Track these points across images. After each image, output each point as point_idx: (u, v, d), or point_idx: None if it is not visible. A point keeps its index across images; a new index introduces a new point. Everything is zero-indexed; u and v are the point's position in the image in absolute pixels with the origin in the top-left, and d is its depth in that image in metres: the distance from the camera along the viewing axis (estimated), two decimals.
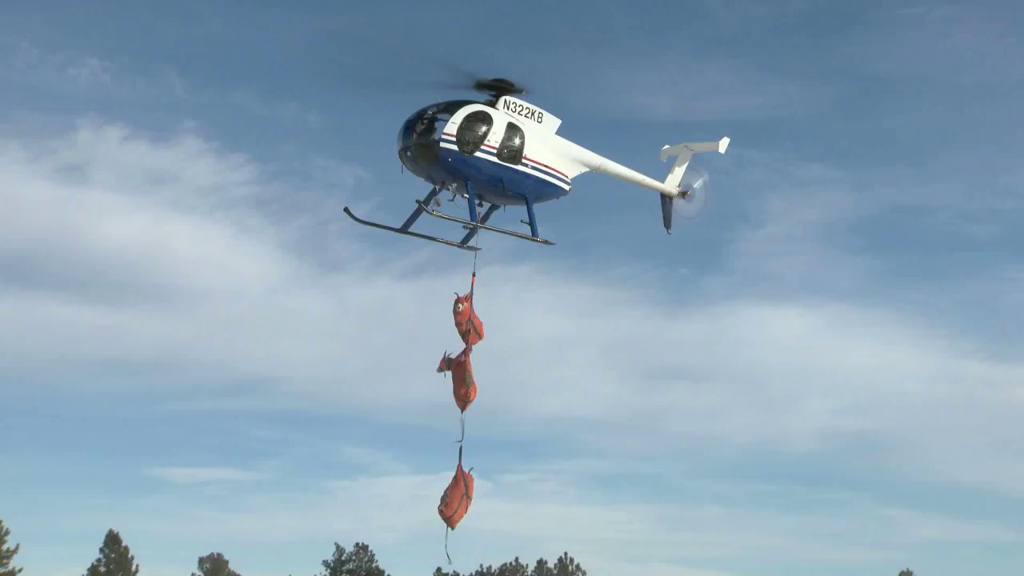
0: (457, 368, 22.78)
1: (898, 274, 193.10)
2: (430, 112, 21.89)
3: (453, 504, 22.70)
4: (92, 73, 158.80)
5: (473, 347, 23.69)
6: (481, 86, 22.72)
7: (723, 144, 27.93)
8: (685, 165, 27.55)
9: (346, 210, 22.83)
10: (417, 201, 22.87)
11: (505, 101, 22.57)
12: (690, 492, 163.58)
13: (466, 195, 22.65)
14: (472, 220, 23.08)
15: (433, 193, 22.92)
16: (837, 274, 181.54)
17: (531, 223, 23.78)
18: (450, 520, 22.76)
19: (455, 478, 22.88)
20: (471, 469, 23.47)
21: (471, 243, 23.16)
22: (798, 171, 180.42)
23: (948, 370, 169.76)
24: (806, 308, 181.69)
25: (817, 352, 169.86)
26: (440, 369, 23.47)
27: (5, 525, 74.59)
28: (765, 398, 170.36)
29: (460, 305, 23.05)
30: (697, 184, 27.73)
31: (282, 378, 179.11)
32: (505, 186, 22.76)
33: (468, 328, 22.89)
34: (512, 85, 22.79)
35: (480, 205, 23.40)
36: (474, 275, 23.41)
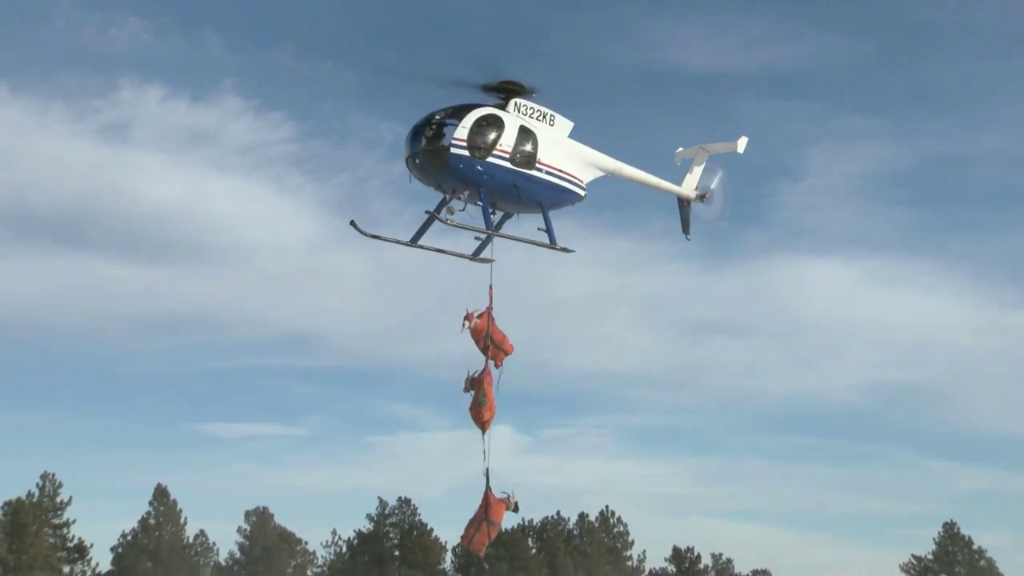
0: (476, 386, 21.89)
1: (942, 225, 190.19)
2: (438, 117, 21.13)
3: (469, 532, 22.05)
4: (132, 33, 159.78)
5: (502, 363, 22.53)
6: (489, 89, 22.20)
7: (741, 144, 26.65)
8: (702, 167, 26.34)
9: (352, 223, 21.96)
10: (427, 212, 21.93)
11: (516, 104, 21.80)
12: (730, 446, 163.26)
13: (478, 203, 21.70)
14: (487, 228, 22.01)
15: (444, 202, 21.97)
16: (879, 226, 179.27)
17: (548, 230, 22.58)
18: (471, 544, 22.11)
19: (481, 504, 22.27)
20: (509, 494, 22.39)
21: (484, 254, 22.29)
22: (839, 122, 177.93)
23: (993, 321, 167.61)
24: (847, 261, 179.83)
25: (859, 305, 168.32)
26: (465, 389, 22.55)
27: (59, 478, 76.29)
28: (806, 351, 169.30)
29: (466, 323, 22.27)
30: (714, 184, 26.51)
31: (323, 335, 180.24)
32: (519, 193, 21.90)
33: (486, 344, 21.86)
34: (522, 87, 22.05)
35: (493, 213, 22.30)
36: (491, 288, 22.46)
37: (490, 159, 21.01)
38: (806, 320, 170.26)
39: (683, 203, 26.22)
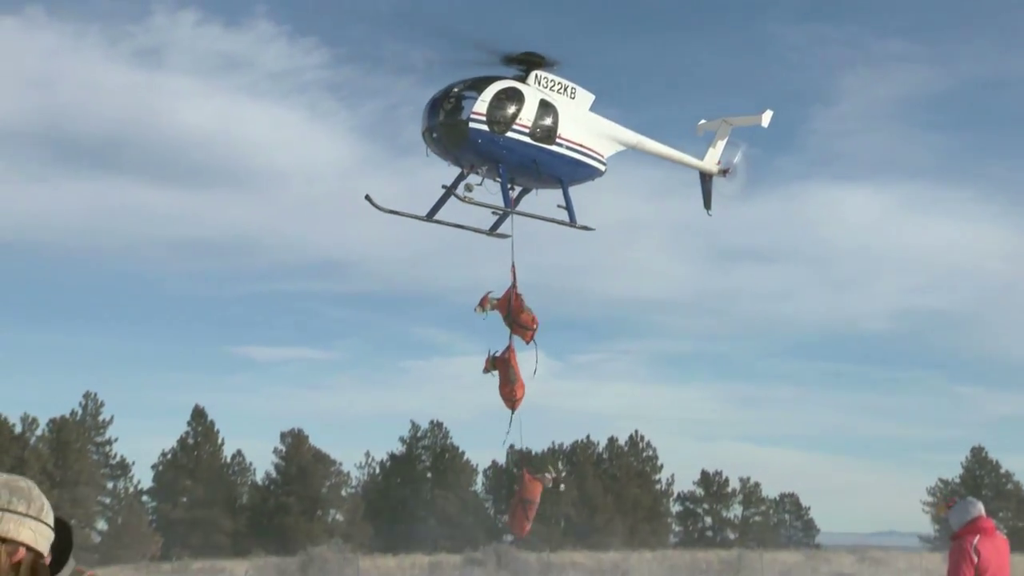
0: (502, 365, 21.55)
1: (977, 150, 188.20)
2: (456, 90, 20.26)
3: (511, 516, 22.02)
4: None
5: (531, 340, 22.31)
6: (510, 60, 21.81)
7: (766, 117, 26.04)
8: (725, 140, 25.83)
9: (367, 198, 21.70)
10: (444, 186, 21.69)
11: (536, 76, 20.85)
12: (760, 371, 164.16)
13: (497, 179, 21.35)
14: (506, 205, 21.59)
15: (461, 177, 21.61)
16: (913, 152, 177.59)
17: (568, 208, 21.97)
18: (512, 528, 22.02)
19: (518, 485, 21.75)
20: (547, 474, 22.32)
21: (502, 229, 21.57)
22: (874, 46, 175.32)
23: None
24: (881, 187, 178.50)
25: (891, 231, 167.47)
26: (486, 370, 22.13)
27: (100, 398, 77.91)
28: (837, 278, 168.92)
29: (480, 308, 22.07)
30: (737, 159, 26.10)
31: (357, 260, 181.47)
32: (539, 168, 21.31)
33: (511, 323, 21.01)
34: (543, 58, 21.58)
35: (512, 189, 21.94)
36: (513, 265, 22.16)
37: (510, 134, 20.15)
38: (838, 247, 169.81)
39: (705, 178, 25.73)
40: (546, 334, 21.34)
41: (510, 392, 21.12)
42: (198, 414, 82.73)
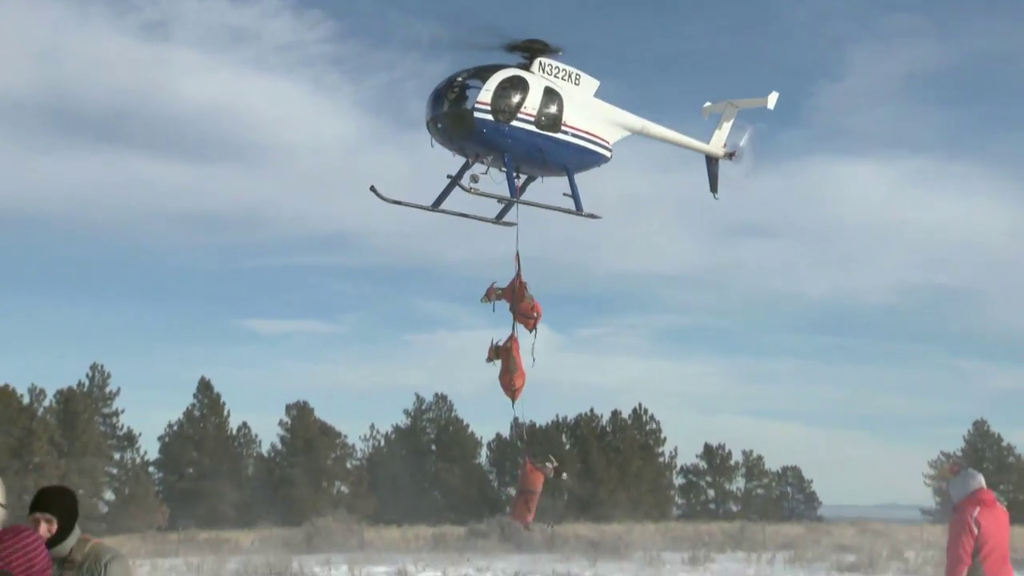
0: (504, 354, 21.42)
1: (983, 125, 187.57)
2: (460, 79, 20.01)
3: (519, 508, 21.90)
4: None
5: (534, 328, 22.17)
6: (513, 48, 21.60)
7: (772, 99, 25.70)
8: (730, 123, 25.53)
9: (372, 188, 21.59)
10: (449, 176, 21.55)
11: (540, 63, 20.58)
12: (763, 346, 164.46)
13: (502, 168, 21.17)
14: (511, 195, 21.45)
15: (466, 167, 21.40)
16: (918, 127, 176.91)
17: (574, 196, 21.72)
18: (515, 517, 21.86)
19: (519, 475, 21.71)
20: (548, 464, 22.30)
21: (507, 218, 21.33)
22: (881, 20, 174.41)
23: None
24: (885, 162, 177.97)
25: (895, 206, 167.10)
26: (489, 359, 21.99)
27: (107, 369, 78.17)
28: (841, 253, 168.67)
29: (486, 299, 21.95)
30: (743, 142, 25.83)
31: (361, 234, 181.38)
32: (544, 156, 21.13)
33: (515, 311, 20.91)
34: (546, 45, 20.58)
35: (517, 177, 21.75)
36: (518, 254, 22.02)
37: (514, 122, 19.89)
38: (842, 222, 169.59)
39: (711, 161, 25.54)
40: (551, 309, 21.17)
41: (509, 381, 21.06)
42: (204, 386, 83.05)
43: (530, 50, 20.62)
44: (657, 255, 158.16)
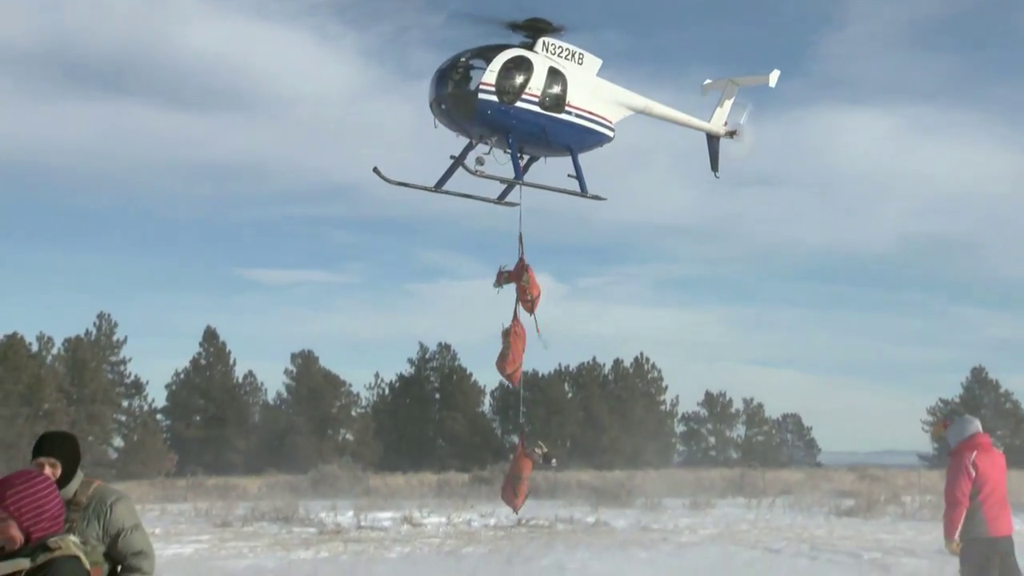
0: (503, 337, 21.13)
1: (984, 72, 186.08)
2: (464, 60, 19.36)
3: (505, 490, 21.73)
4: None
5: (532, 312, 21.90)
6: (515, 27, 21.27)
7: (773, 77, 25.33)
8: (731, 101, 25.20)
9: (375, 170, 21.29)
10: (452, 156, 21.28)
11: (544, 43, 20.98)
12: (764, 295, 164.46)
13: (506, 150, 20.95)
14: (517, 178, 21.25)
15: (469, 147, 21.14)
16: (920, 74, 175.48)
17: (579, 177, 21.55)
18: (506, 501, 21.66)
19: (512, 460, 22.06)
20: (537, 450, 22.10)
21: (510, 198, 22.09)
22: None
23: None
24: (886, 110, 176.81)
25: (897, 155, 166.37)
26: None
27: (114, 318, 78.37)
28: (842, 202, 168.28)
29: (497, 284, 21.67)
30: (743, 119, 25.46)
31: (364, 184, 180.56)
32: (548, 137, 20.94)
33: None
34: (549, 24, 21.15)
35: (521, 157, 21.48)
36: (521, 236, 21.75)
37: (519, 104, 20.21)
38: (843, 171, 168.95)
39: (712, 139, 25.29)
40: (554, 258, 21.26)
41: (501, 366, 21.06)
42: (210, 335, 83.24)
43: (533, 29, 19.98)
44: (659, 205, 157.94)
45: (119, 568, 5.76)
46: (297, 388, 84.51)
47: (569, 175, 21.84)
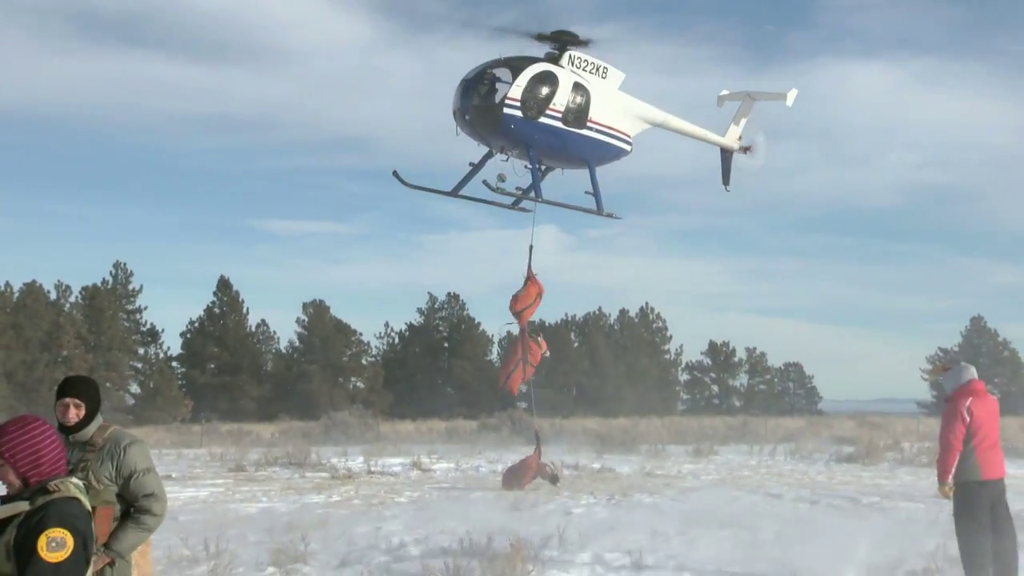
0: (510, 346, 21.02)
1: (989, 24, 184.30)
2: (490, 72, 19.41)
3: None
4: None
5: (523, 325, 21.85)
6: (543, 38, 19.86)
7: (790, 96, 24.71)
8: (747, 118, 24.67)
9: (395, 174, 20.91)
10: (471, 163, 20.87)
11: (570, 57, 19.96)
12: (768, 246, 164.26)
13: (527, 165, 20.48)
14: (537, 194, 20.82)
15: (488, 155, 20.77)
16: (926, 27, 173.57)
17: (595, 194, 20.96)
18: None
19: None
20: (551, 471, 21.87)
21: (523, 204, 21.10)
22: None
23: None
24: (892, 63, 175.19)
25: (901, 107, 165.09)
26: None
27: (130, 267, 78.61)
28: (847, 154, 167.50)
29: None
30: (760, 138, 24.91)
31: (375, 136, 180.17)
32: (568, 151, 19.99)
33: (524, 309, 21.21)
34: (575, 37, 19.95)
35: (539, 168, 21.06)
36: (531, 248, 21.47)
37: (542, 119, 19.39)
38: (848, 123, 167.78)
39: (726, 153, 24.79)
40: (562, 210, 20.95)
41: (500, 376, 21.00)
42: (223, 285, 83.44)
43: (559, 41, 20.00)
44: (664, 157, 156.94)
45: (131, 509, 5.84)
46: (309, 337, 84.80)
47: (587, 192, 21.45)
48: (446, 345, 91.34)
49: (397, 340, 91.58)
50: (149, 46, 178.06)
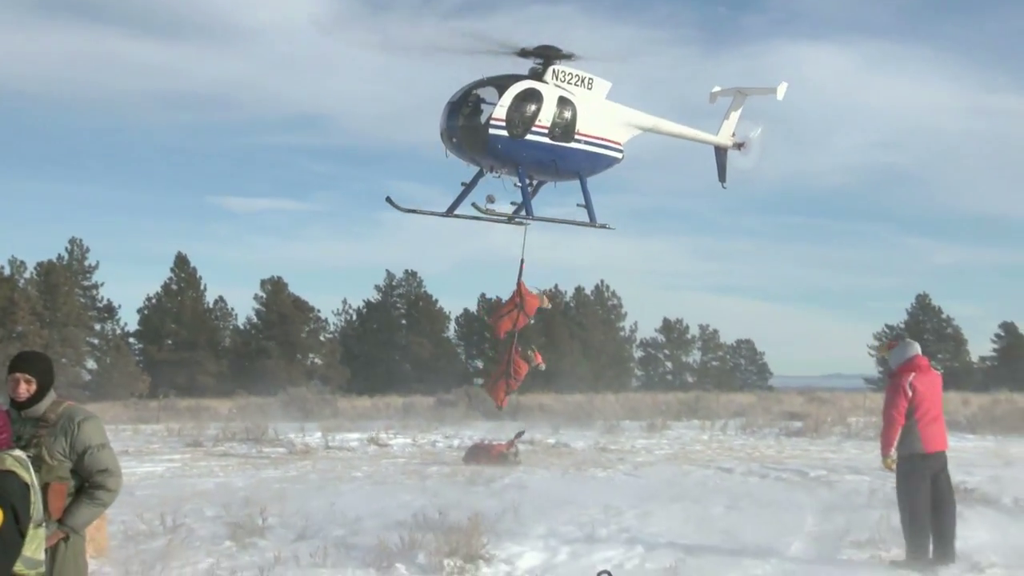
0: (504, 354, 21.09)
1: (936, 8, 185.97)
2: (475, 92, 19.30)
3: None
4: None
5: (503, 336, 21.85)
6: (526, 54, 20.52)
7: (780, 90, 24.56)
8: (739, 112, 24.54)
9: (388, 199, 20.82)
10: (463, 183, 20.80)
11: (554, 71, 19.79)
12: (722, 225, 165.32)
13: (516, 184, 20.46)
14: (528, 212, 20.79)
15: (479, 175, 20.71)
16: (876, 10, 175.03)
17: (587, 206, 20.80)
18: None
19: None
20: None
21: (519, 216, 20.72)
22: None
23: (980, 104, 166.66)
24: (843, 46, 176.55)
25: (851, 89, 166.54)
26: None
27: (86, 244, 77.54)
28: (798, 135, 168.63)
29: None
30: (754, 135, 24.87)
31: (334, 115, 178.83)
32: (558, 166, 19.84)
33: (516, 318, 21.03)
34: (559, 51, 19.80)
35: (530, 183, 21.03)
36: (523, 262, 21.57)
37: (529, 136, 19.25)
38: (800, 105, 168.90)
39: (720, 151, 24.76)
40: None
41: (489, 388, 21.02)
42: (181, 261, 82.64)
43: (543, 56, 19.76)
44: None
45: (85, 485, 5.79)
46: (267, 314, 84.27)
47: (579, 204, 21.37)
48: (404, 322, 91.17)
49: (355, 317, 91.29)
50: (105, 21, 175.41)
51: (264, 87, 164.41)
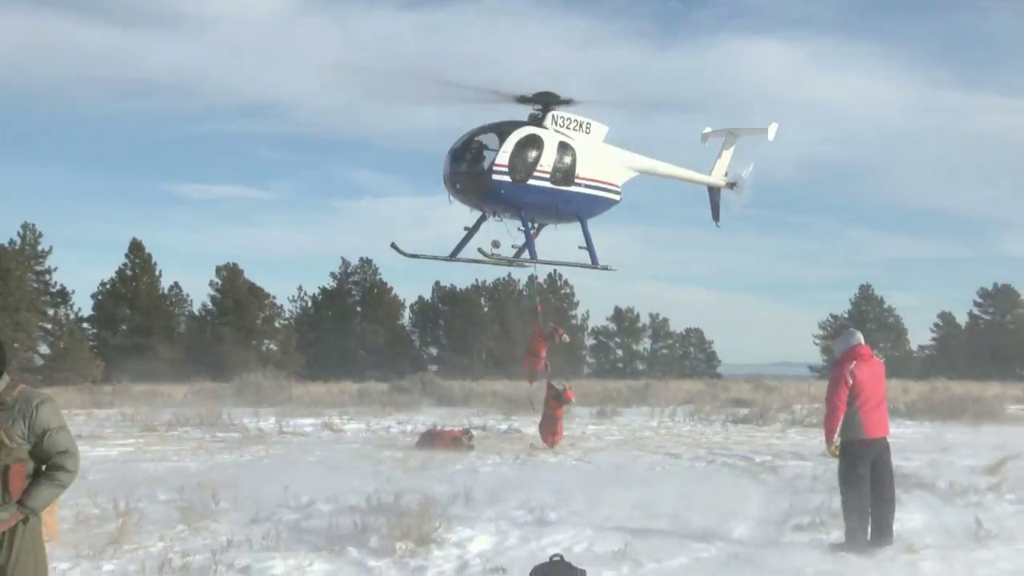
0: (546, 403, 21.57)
1: (881, 5, 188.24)
2: (477, 139, 19.63)
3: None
4: None
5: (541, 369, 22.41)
6: (524, 100, 20.11)
7: (771, 130, 24.88)
8: (731, 152, 24.81)
9: (393, 245, 20.78)
10: (466, 228, 20.82)
11: (553, 117, 20.16)
12: (673, 216, 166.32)
13: (520, 228, 20.56)
14: (532, 255, 20.89)
15: (482, 219, 20.79)
16: (821, 7, 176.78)
17: (589, 248, 21.22)
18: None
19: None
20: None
21: (523, 260, 21.44)
22: None
23: (924, 100, 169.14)
24: (790, 41, 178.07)
25: (799, 84, 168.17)
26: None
27: (39, 229, 76.30)
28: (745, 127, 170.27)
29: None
30: (746, 173, 25.17)
31: (291, 103, 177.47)
32: (559, 209, 20.29)
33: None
34: (557, 97, 20.13)
35: (532, 227, 21.14)
36: (539, 307, 21.74)
37: (531, 181, 19.61)
38: (748, 99, 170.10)
39: (713, 191, 24.97)
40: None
41: (545, 434, 21.32)
42: (136, 247, 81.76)
43: (542, 102, 20.04)
44: None
45: (43, 467, 5.75)
46: (222, 300, 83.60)
47: (580, 247, 21.49)
48: (359, 309, 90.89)
49: (310, 304, 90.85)
50: (60, 6, 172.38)
51: (221, 74, 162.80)
